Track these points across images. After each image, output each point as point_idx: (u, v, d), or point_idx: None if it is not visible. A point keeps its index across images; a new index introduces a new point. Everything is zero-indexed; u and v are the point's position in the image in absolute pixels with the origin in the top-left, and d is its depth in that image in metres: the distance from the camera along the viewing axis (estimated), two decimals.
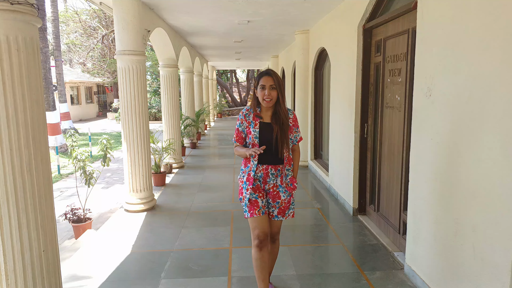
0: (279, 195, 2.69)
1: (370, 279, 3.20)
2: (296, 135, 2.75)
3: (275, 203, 2.71)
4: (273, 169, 2.67)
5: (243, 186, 2.69)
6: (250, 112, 2.70)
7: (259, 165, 2.66)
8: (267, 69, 2.67)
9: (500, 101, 2.03)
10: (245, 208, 2.68)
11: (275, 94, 2.58)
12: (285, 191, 2.70)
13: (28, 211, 2.11)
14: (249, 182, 2.65)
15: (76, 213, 4.70)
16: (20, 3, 1.94)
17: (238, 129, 2.74)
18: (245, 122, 2.69)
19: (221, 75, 30.90)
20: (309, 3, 5.19)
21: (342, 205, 5.26)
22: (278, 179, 2.69)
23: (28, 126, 2.08)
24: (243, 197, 2.68)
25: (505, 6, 1.99)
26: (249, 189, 2.63)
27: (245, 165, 2.72)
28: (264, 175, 2.67)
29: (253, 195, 2.65)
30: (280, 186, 2.70)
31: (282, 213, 2.74)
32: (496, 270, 2.09)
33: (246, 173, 2.69)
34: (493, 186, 2.10)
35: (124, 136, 5.01)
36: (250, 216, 2.64)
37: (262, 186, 2.70)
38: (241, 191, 2.72)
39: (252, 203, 2.64)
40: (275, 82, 2.57)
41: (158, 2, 5.13)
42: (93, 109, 27.21)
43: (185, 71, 9.98)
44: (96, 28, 20.51)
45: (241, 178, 2.74)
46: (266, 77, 2.58)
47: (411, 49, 3.33)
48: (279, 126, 2.61)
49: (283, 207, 2.72)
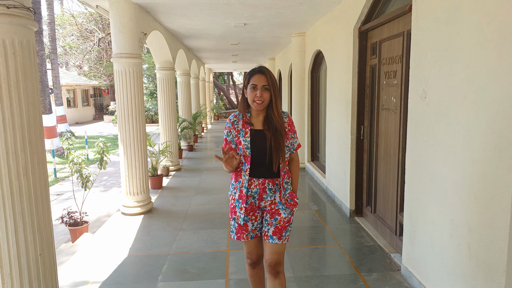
0: (278, 212, 2.30)
1: (367, 280, 3.21)
2: (293, 141, 2.36)
3: (272, 219, 2.30)
4: (271, 183, 2.28)
5: (236, 204, 2.33)
6: (238, 119, 2.33)
7: (253, 179, 2.28)
8: (259, 66, 2.29)
9: (494, 103, 2.05)
10: (232, 229, 2.37)
11: (267, 96, 2.21)
12: (285, 208, 2.30)
13: (25, 214, 2.11)
14: (242, 200, 2.28)
15: (72, 217, 4.68)
16: (17, 7, 1.95)
17: (226, 139, 2.36)
18: (234, 130, 2.32)
19: (218, 77, 30.91)
20: (305, 6, 5.22)
21: (339, 206, 5.27)
22: (276, 195, 2.30)
23: (25, 129, 2.08)
24: (236, 217, 2.32)
25: (498, 8, 2.01)
26: (243, 208, 2.28)
27: (236, 180, 2.33)
28: (260, 191, 2.29)
29: (245, 217, 2.30)
30: (279, 203, 2.30)
31: (278, 233, 2.29)
32: (492, 271, 2.10)
33: (238, 189, 2.31)
34: (487, 186, 2.12)
35: (120, 139, 5.01)
36: (236, 239, 2.34)
37: (257, 203, 2.32)
38: (233, 209, 2.35)
39: (241, 227, 2.32)
40: (268, 82, 2.21)
41: (155, 5, 5.14)
42: (90, 112, 27.13)
43: (181, 74, 9.99)
44: (93, 31, 20.48)
45: (233, 195, 2.36)
46: (258, 76, 2.22)
47: (406, 51, 3.36)
48: (272, 133, 2.23)
49: (281, 226, 2.30)
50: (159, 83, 7.56)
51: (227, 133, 2.36)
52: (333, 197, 5.62)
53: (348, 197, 4.86)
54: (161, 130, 7.72)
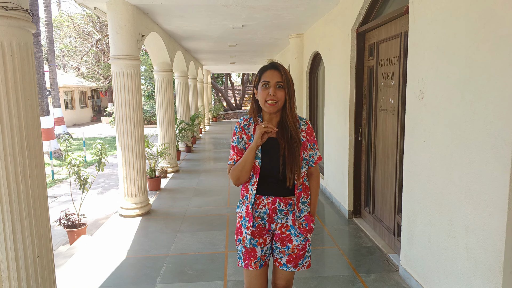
0: (290, 239, 1.97)
1: (366, 281, 3.21)
2: (313, 153, 2.01)
3: (284, 247, 1.98)
4: (283, 203, 1.94)
5: (242, 223, 1.99)
6: (249, 123, 1.98)
7: (261, 198, 1.94)
8: (272, 62, 1.98)
9: (490, 104, 2.07)
10: (239, 254, 2.02)
11: (282, 95, 1.87)
12: (298, 234, 1.96)
13: (23, 216, 2.10)
14: (249, 218, 1.94)
15: (70, 219, 4.67)
16: (15, 9, 1.95)
17: (237, 147, 1.97)
18: (244, 136, 1.96)
19: (216, 79, 30.93)
20: (303, 7, 5.23)
21: (337, 207, 5.28)
22: (289, 217, 1.96)
23: (23, 131, 2.08)
24: (242, 238, 1.97)
25: (494, 10, 2.02)
26: (250, 228, 1.93)
27: (243, 195, 2.02)
28: (270, 212, 1.94)
29: (251, 241, 1.96)
30: (292, 227, 1.97)
31: (293, 262, 1.99)
32: (489, 271, 2.11)
33: (245, 205, 1.98)
34: (484, 187, 2.13)
35: (118, 140, 5.00)
36: (245, 267, 1.99)
37: (267, 225, 1.98)
38: (239, 229, 2.01)
39: (249, 252, 1.97)
40: (283, 79, 1.88)
41: (152, 7, 5.14)
42: (87, 114, 27.09)
43: (179, 75, 9.99)
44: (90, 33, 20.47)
45: (240, 212, 2.02)
46: (271, 72, 1.90)
47: (403, 52, 3.37)
48: (286, 141, 1.89)
49: (295, 255, 1.98)
50: (157, 85, 7.56)
51: (237, 139, 1.97)
52: (332, 198, 5.63)
53: (346, 198, 4.87)
54: (159, 131, 7.72)
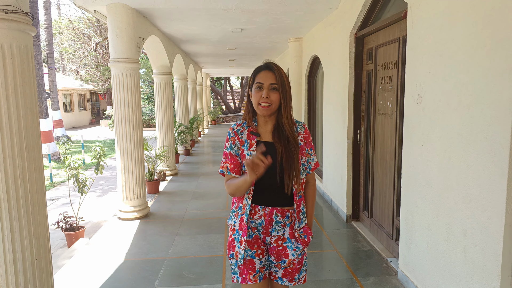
0: (286, 253, 1.84)
1: (364, 285, 3.21)
2: (310, 158, 1.89)
3: (279, 261, 1.86)
4: (280, 214, 1.82)
5: (235, 236, 1.85)
6: (243, 128, 1.87)
7: (257, 208, 1.82)
8: (267, 62, 1.85)
9: (488, 108, 2.08)
10: (235, 269, 1.86)
11: (276, 98, 1.77)
12: (295, 247, 1.84)
13: (21, 219, 2.10)
14: (243, 231, 1.81)
15: (68, 221, 4.66)
16: (15, 12, 1.96)
17: (231, 154, 1.85)
18: (238, 141, 1.85)
19: (215, 82, 30.98)
20: (302, 12, 5.26)
21: (335, 211, 5.28)
22: (286, 230, 1.85)
23: (22, 134, 2.09)
24: (235, 253, 1.83)
25: (491, 15, 2.04)
26: (244, 242, 1.80)
27: (237, 206, 1.88)
28: (266, 223, 1.83)
29: (248, 252, 1.82)
30: (289, 240, 1.84)
31: (289, 276, 1.88)
32: (487, 274, 2.12)
33: (239, 217, 1.84)
34: (482, 191, 2.14)
35: (117, 143, 5.00)
36: (242, 282, 1.83)
37: (262, 237, 1.87)
38: (231, 243, 1.86)
39: (246, 265, 1.82)
40: (277, 81, 1.76)
41: (152, 10, 5.16)
42: (86, 116, 27.09)
43: (179, 78, 10.01)
44: (90, 36, 20.51)
45: (232, 224, 1.89)
46: (265, 73, 1.78)
47: (401, 57, 3.39)
48: (283, 145, 1.78)
49: (291, 269, 1.87)
50: (156, 88, 7.57)
51: (230, 145, 1.85)
52: (330, 201, 5.63)
53: (344, 201, 4.87)
54: (158, 134, 7.72)
